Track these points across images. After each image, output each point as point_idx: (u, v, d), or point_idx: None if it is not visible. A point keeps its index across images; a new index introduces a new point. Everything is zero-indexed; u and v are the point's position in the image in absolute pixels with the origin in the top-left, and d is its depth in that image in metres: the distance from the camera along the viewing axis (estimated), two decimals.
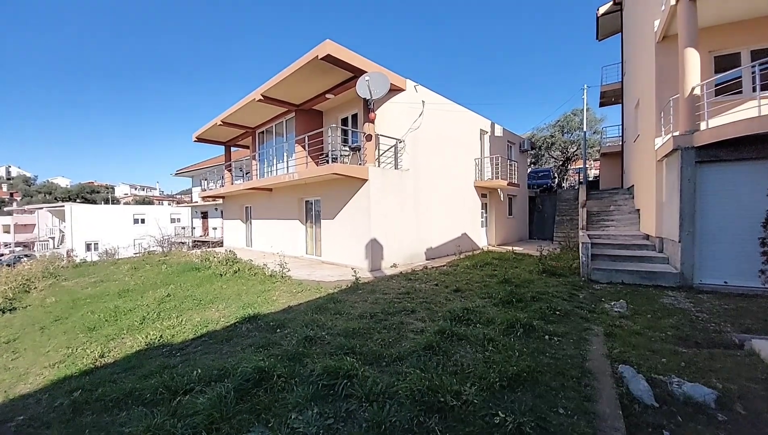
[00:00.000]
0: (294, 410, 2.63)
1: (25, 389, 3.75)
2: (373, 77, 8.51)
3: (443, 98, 11.57)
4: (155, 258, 11.90)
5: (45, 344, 5.07)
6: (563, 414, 2.63)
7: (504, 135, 15.63)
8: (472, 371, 3.13)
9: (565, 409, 2.68)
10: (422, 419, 2.45)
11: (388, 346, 3.79)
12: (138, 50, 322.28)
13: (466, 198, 12.82)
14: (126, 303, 6.36)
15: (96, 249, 26.89)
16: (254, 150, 15.20)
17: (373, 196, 8.84)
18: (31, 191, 66.96)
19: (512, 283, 6.42)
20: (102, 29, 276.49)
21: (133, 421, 2.57)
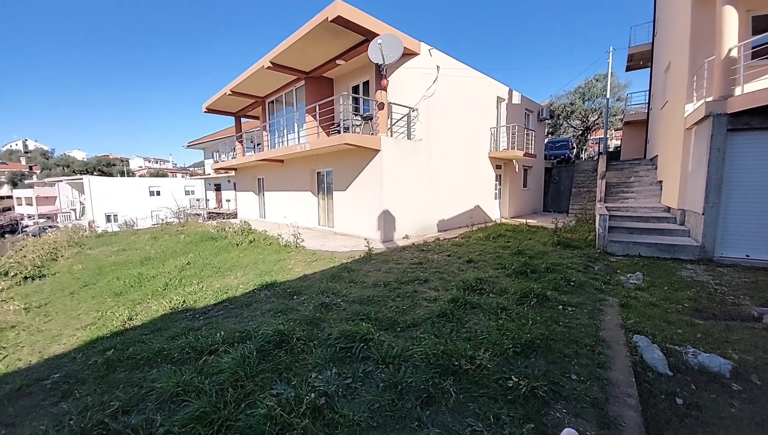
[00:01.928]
0: (314, 370, 2.75)
1: (59, 350, 4.01)
2: (386, 40, 8.11)
3: (459, 63, 11.03)
4: (173, 229, 12.24)
5: (75, 308, 5.36)
6: (576, 380, 2.67)
7: (522, 102, 14.97)
8: (486, 338, 3.18)
9: (578, 375, 2.72)
10: (437, 381, 2.53)
11: (403, 313, 3.87)
12: (148, 15, 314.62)
13: (479, 169, 12.54)
14: (149, 270, 6.62)
15: (115, 220, 27.76)
16: (264, 120, 15.02)
17: (386, 167, 8.73)
18: (49, 164, 68.56)
19: (526, 255, 6.39)
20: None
21: (163, 377, 2.73)
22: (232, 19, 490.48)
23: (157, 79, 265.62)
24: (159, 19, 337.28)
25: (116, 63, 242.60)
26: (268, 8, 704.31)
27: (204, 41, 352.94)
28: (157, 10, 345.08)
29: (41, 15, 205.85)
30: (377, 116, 8.95)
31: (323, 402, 2.33)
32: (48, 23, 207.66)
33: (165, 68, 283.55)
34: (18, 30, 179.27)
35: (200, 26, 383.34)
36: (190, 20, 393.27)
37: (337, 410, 2.27)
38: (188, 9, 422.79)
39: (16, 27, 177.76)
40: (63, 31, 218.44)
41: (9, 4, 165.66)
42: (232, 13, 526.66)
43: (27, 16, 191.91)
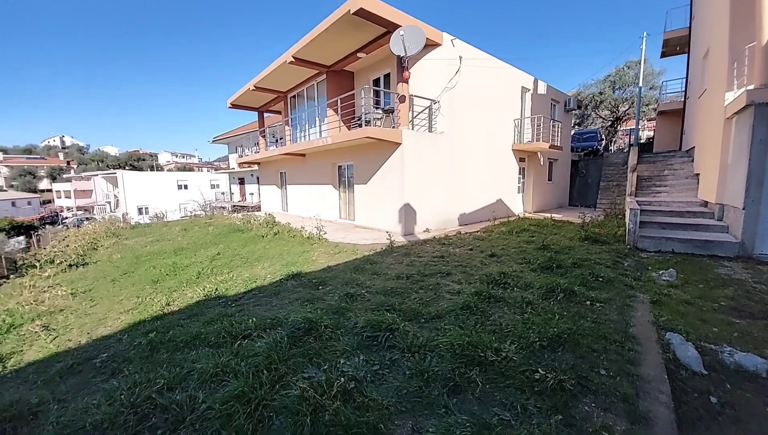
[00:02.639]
0: (342, 356, 2.86)
1: (105, 331, 4.33)
2: (408, 31, 8.05)
3: (482, 53, 10.79)
4: (201, 221, 12.76)
5: (117, 294, 5.74)
6: (605, 375, 2.65)
7: (548, 92, 14.50)
8: (511, 331, 3.19)
9: (606, 371, 2.70)
10: (463, 371, 2.57)
11: (426, 305, 3.92)
12: (174, 14, 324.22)
13: (502, 162, 12.30)
14: (182, 260, 6.97)
15: (146, 213, 29.16)
16: (286, 115, 15.28)
17: (407, 161, 8.73)
18: (85, 159, 72.63)
19: (551, 250, 6.27)
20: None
21: (202, 359, 2.91)
22: (256, 14, 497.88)
23: (183, 76, 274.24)
24: (184, 17, 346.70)
25: (143, 60, 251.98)
26: (291, 2, 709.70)
27: (228, 36, 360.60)
28: (183, 9, 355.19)
29: (72, 14, 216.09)
30: (398, 109, 8.93)
31: (353, 386, 2.43)
32: (77, 21, 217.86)
33: (190, 65, 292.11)
34: (51, 29, 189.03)
35: (224, 22, 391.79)
36: (213, 17, 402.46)
37: (367, 394, 2.36)
38: (212, 6, 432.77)
39: (49, 28, 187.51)
40: (91, 28, 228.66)
41: (47, 6, 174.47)
42: (255, 8, 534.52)
43: (57, 15, 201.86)
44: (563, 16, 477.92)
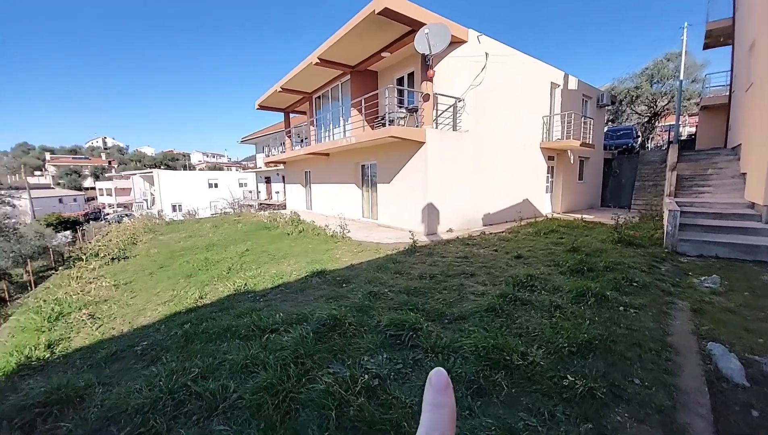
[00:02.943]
0: (366, 354, 2.90)
1: (144, 321, 4.61)
2: (433, 29, 7.98)
3: (509, 48, 10.52)
4: (231, 218, 13.28)
5: (155, 286, 6.09)
6: (639, 384, 2.54)
7: (579, 88, 13.92)
8: (539, 335, 3.11)
9: (641, 380, 2.58)
10: (488, 373, 2.54)
11: (450, 306, 3.90)
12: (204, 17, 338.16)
13: (530, 161, 11.94)
14: (213, 255, 7.29)
15: (180, 210, 30.64)
16: (311, 115, 15.56)
17: (430, 160, 8.67)
18: (124, 159, 77.34)
19: (582, 252, 6.04)
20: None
21: (232, 350, 3.05)
22: (281, 15, 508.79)
23: (213, 77, 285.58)
24: (214, 18, 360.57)
25: (176, 63, 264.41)
26: (316, 2, 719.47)
27: (253, 39, 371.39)
28: (217, 10, 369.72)
29: (106, 17, 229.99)
30: (422, 108, 8.88)
31: (376, 383, 2.46)
32: (112, 25, 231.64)
33: (218, 66, 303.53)
34: (83, 32, 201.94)
35: (248, 24, 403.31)
36: (242, 19, 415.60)
37: (390, 392, 2.39)
38: (242, 8, 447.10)
39: (81, 31, 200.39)
40: (126, 29, 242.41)
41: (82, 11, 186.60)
42: (280, 9, 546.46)
43: (89, 18, 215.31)
44: (596, 8, 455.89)
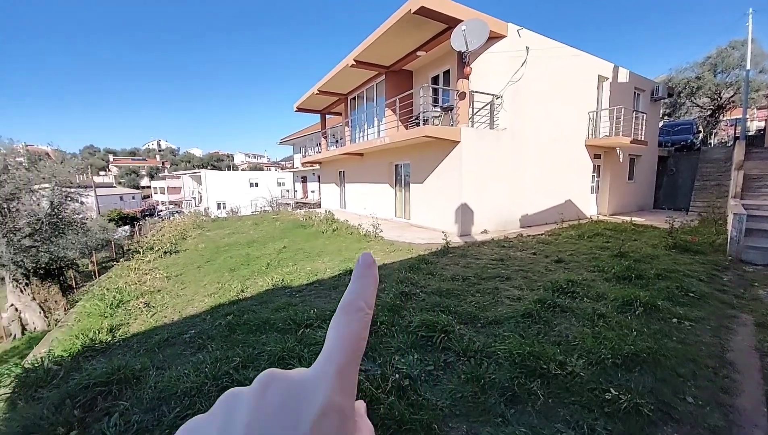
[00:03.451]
0: (396, 353, 2.92)
1: (192, 311, 4.96)
2: (470, 26, 7.81)
3: (553, 41, 10.02)
4: (269, 216, 13.90)
5: (202, 279, 6.54)
6: (692, 403, 2.34)
7: (630, 80, 12.93)
8: (579, 344, 2.95)
9: (694, 398, 2.38)
10: (522, 381, 2.46)
11: (483, 309, 3.81)
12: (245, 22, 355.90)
13: (573, 159, 11.29)
14: (254, 251, 7.68)
15: (224, 208, 32.54)
16: (346, 116, 15.86)
17: (465, 159, 8.49)
18: (176, 160, 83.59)
19: (630, 258, 5.63)
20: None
21: (271, 342, 3.20)
22: (315, 17, 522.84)
23: (254, 80, 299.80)
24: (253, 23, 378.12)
25: (218, 66, 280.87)
26: (352, 5, 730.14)
27: (291, 42, 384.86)
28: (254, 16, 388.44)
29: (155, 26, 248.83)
30: (458, 106, 8.73)
31: (407, 384, 2.47)
32: (161, 34, 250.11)
33: (259, 70, 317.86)
34: (150, 40, 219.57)
35: (284, 27, 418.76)
36: (277, 21, 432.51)
37: (420, 393, 2.39)
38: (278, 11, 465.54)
39: (134, 41, 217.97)
40: (171, 41, 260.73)
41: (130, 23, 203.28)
42: (315, 12, 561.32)
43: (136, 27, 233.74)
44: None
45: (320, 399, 0.23)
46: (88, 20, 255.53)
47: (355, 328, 0.26)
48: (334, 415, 0.23)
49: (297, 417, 0.23)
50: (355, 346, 0.26)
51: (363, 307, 0.27)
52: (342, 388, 0.24)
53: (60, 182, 10.63)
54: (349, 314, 0.26)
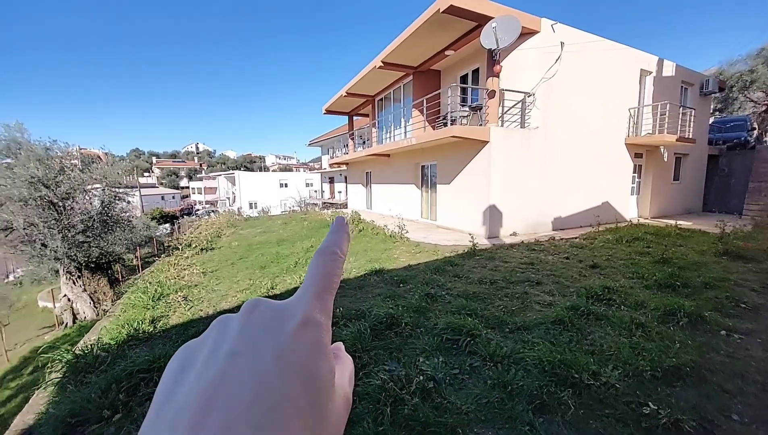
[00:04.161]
0: (421, 355, 2.91)
1: (226, 305, 5.21)
2: (501, 22, 7.62)
3: (590, 35, 9.56)
4: (298, 216, 14.28)
5: (235, 275, 6.84)
6: (737, 420, 2.17)
7: (676, 74, 12.07)
8: (615, 355, 2.80)
9: (740, 416, 2.20)
10: (552, 390, 2.37)
11: (511, 314, 3.71)
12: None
13: (611, 159, 10.69)
14: (283, 250, 7.94)
15: (255, 207, 33.78)
16: (373, 118, 15.98)
17: (494, 160, 8.30)
18: (212, 162, 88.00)
19: (674, 265, 5.26)
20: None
21: None
22: (342, 20, 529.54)
23: (285, 84, 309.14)
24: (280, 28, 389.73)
25: (251, 72, 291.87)
26: (378, 7, 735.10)
27: (318, 48, 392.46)
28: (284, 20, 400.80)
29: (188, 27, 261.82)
30: (487, 105, 8.54)
31: (431, 386, 2.46)
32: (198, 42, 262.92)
33: (288, 74, 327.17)
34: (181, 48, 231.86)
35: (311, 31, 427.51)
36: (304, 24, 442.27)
37: (445, 396, 2.37)
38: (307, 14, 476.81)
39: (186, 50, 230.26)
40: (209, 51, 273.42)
41: None
42: (341, 14, 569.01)
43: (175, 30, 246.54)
44: None
45: (300, 313, 0.27)
46: (131, 34, 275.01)
47: (329, 265, 0.30)
48: (312, 326, 0.26)
49: (281, 326, 0.26)
50: (329, 278, 0.29)
51: (336, 251, 0.31)
52: (319, 308, 0.28)
53: (110, 183, 11.52)
54: (324, 256, 0.30)
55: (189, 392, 0.23)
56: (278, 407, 0.22)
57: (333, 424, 0.25)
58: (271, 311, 0.27)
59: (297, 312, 0.27)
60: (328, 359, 0.26)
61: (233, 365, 0.24)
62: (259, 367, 0.23)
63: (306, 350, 0.25)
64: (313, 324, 0.26)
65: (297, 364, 0.24)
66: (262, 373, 0.23)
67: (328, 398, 0.25)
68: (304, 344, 0.25)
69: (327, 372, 0.26)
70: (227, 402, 0.22)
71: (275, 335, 0.25)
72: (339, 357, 0.33)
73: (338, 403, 0.26)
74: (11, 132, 9.95)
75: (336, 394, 0.26)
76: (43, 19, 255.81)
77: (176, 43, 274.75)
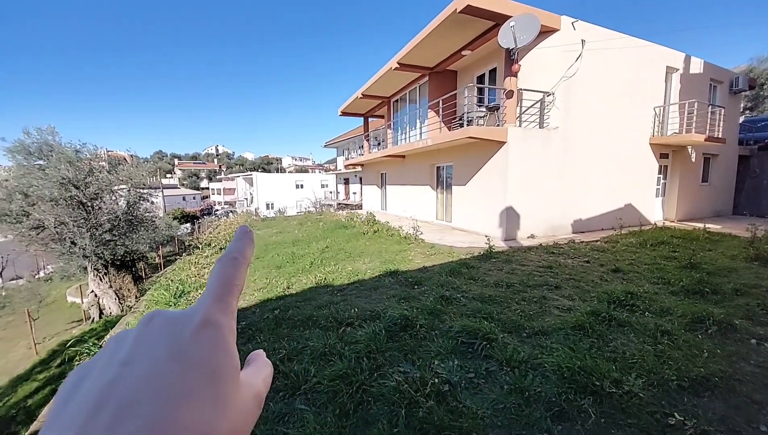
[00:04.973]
0: (436, 358, 2.88)
1: (244, 304, 5.31)
2: (519, 21, 7.49)
3: (612, 32, 9.28)
4: (313, 216, 14.44)
5: (252, 274, 6.97)
6: (766, 432, 2.05)
7: (704, 71, 11.56)
8: (638, 363, 2.71)
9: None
10: (572, 397, 2.31)
11: (529, 319, 3.63)
12: None
13: (634, 159, 10.32)
14: (298, 250, 8.04)
15: (272, 208, 34.37)
16: (389, 119, 16.00)
17: (512, 161, 8.16)
18: (231, 163, 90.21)
19: (702, 270, 5.03)
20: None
21: (313, 338, 3.33)
22: (357, 23, 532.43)
23: (300, 86, 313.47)
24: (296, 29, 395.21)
25: (269, 74, 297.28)
26: (394, 9, 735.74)
27: (333, 48, 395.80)
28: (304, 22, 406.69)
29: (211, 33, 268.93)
30: (505, 105, 8.41)
31: (447, 389, 2.44)
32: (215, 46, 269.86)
33: (304, 76, 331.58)
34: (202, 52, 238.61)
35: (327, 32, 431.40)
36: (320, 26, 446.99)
37: (460, 400, 2.34)
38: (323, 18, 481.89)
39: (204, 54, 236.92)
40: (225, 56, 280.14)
41: None
42: (357, 17, 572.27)
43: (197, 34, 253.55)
44: None
45: (198, 316, 0.27)
46: (157, 41, 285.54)
47: (230, 270, 0.31)
48: (212, 327, 0.27)
49: (179, 331, 0.26)
50: (229, 281, 0.30)
51: (236, 257, 0.32)
52: (220, 310, 0.28)
53: (135, 184, 11.98)
54: (224, 261, 0.31)
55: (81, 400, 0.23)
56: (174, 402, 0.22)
57: (237, 418, 0.25)
58: (168, 320, 0.27)
59: (195, 316, 0.27)
60: (231, 356, 0.27)
61: (126, 371, 0.24)
62: (153, 369, 0.24)
63: (205, 348, 0.25)
64: (213, 325, 0.27)
65: (196, 360, 0.25)
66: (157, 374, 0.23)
67: (232, 392, 0.25)
68: (204, 343, 0.26)
69: (229, 367, 0.26)
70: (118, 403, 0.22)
71: (172, 339, 0.26)
72: (256, 360, 0.34)
73: (246, 399, 0.27)
74: (43, 135, 10.50)
75: (243, 390, 0.27)
76: (81, 27, 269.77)
77: (198, 48, 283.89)
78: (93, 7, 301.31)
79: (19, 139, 10.21)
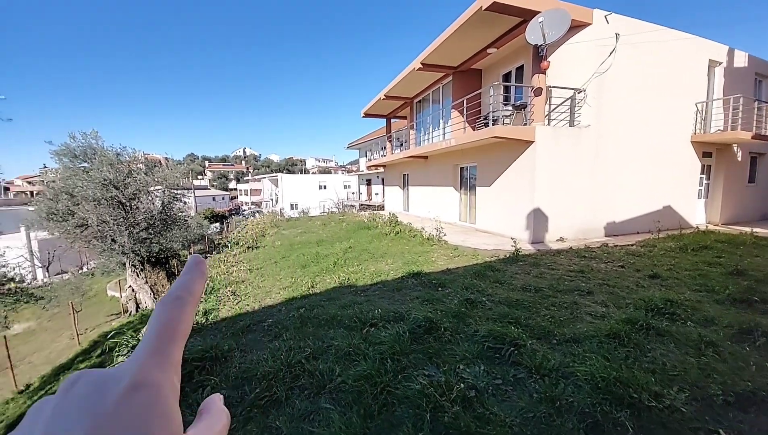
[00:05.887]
0: (461, 362, 2.83)
1: (270, 302, 5.44)
2: (549, 16, 7.25)
3: (649, 24, 8.80)
4: (336, 217, 14.62)
5: (278, 273, 7.14)
6: None
7: (749, 65, 10.75)
8: (680, 375, 2.54)
9: None
10: (607, 409, 2.20)
11: (559, 325, 3.49)
12: None
13: (674, 158, 9.73)
14: (322, 250, 8.16)
15: (296, 208, 35.12)
16: (411, 120, 15.95)
17: (540, 161, 7.90)
18: (257, 165, 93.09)
19: (750, 277, 4.67)
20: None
21: (338, 337, 3.36)
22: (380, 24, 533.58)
23: (324, 89, 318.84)
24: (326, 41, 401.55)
25: (294, 77, 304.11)
26: (416, 9, 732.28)
27: (355, 51, 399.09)
28: None
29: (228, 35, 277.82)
30: (533, 104, 8.16)
31: (473, 395, 2.39)
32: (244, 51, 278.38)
33: (327, 77, 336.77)
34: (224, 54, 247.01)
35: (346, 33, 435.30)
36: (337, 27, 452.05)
37: (487, 407, 2.29)
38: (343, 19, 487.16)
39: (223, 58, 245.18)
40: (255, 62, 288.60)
41: None
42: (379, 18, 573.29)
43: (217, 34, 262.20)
44: None
45: (127, 378, 0.24)
46: (189, 50, 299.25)
47: (172, 313, 0.28)
48: (145, 389, 0.24)
49: (101, 398, 0.23)
50: (172, 327, 0.27)
51: (181, 296, 0.29)
52: (157, 365, 0.25)
53: (169, 185, 12.60)
54: (166, 304, 0.28)
55: None
56: None
57: None
58: (91, 384, 0.24)
59: (124, 377, 0.24)
60: (169, 420, 0.24)
61: None
62: None
63: (134, 415, 0.23)
64: (145, 386, 0.24)
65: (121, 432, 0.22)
66: None
67: None
68: (132, 410, 0.23)
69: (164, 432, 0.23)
70: None
71: (93, 409, 0.23)
72: (209, 411, 0.31)
73: None
74: (88, 139, 11.24)
75: None
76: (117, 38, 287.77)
77: (229, 50, 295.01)
78: (133, 17, 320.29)
79: (65, 142, 10.98)
